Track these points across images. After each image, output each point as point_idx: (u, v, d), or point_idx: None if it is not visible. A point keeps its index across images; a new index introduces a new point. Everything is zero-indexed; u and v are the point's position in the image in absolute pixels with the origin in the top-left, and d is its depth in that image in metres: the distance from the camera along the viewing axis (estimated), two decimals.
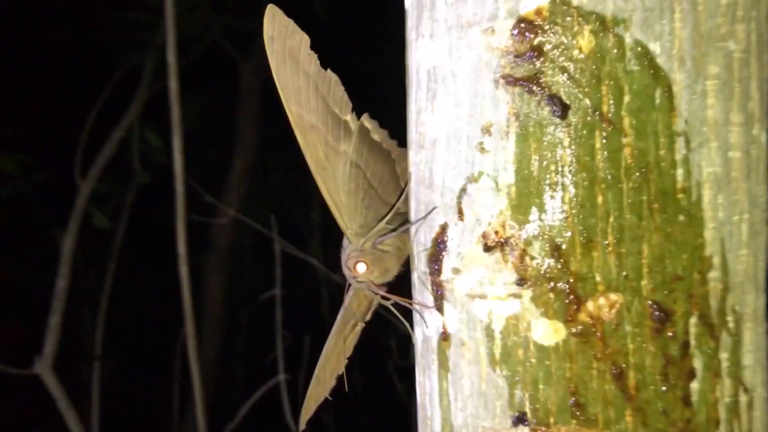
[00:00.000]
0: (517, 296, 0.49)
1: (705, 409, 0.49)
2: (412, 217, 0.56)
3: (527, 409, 0.50)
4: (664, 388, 0.49)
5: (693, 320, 0.49)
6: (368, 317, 0.67)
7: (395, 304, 0.61)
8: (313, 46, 0.58)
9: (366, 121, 0.61)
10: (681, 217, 0.48)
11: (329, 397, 0.67)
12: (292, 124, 0.56)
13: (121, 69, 2.39)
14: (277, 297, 1.90)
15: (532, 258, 0.49)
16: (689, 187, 0.48)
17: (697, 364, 0.49)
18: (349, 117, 0.60)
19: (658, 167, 0.48)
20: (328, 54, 0.60)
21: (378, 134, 0.61)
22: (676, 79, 0.47)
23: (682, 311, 0.49)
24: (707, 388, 0.49)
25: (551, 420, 0.50)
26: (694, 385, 0.49)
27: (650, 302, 0.48)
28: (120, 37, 2.50)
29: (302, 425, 0.67)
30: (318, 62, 0.57)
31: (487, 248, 0.49)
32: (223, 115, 2.91)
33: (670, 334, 0.49)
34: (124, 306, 2.48)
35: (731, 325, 0.50)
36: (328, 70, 0.58)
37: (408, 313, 0.58)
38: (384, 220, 0.58)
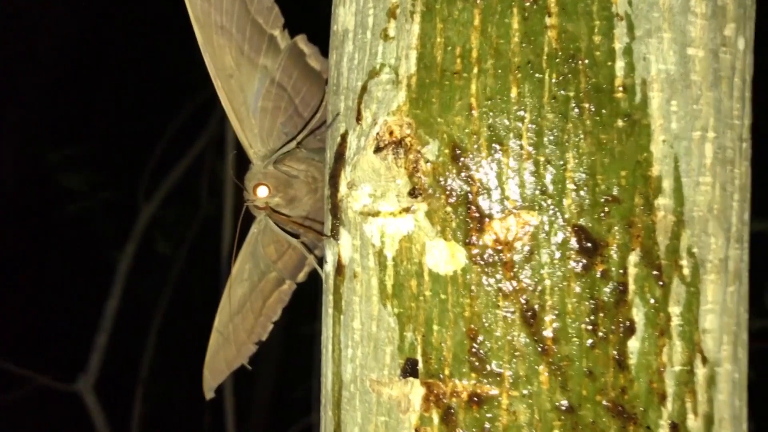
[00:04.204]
0: (411, 211, 0.40)
1: (645, 376, 0.38)
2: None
3: (419, 356, 0.40)
4: (590, 342, 0.38)
5: (633, 257, 0.38)
6: (301, 278, 0.58)
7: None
8: None
9: (301, 42, 0.53)
10: (619, 122, 0.38)
11: (247, 366, 0.57)
12: (191, 17, 0.49)
13: (199, 96, 2.40)
14: None
15: (427, 161, 0.39)
16: (631, 86, 0.38)
17: (637, 315, 0.38)
18: (278, 33, 0.53)
19: (591, 56, 0.38)
20: None
21: (317, 62, 0.54)
22: None
23: (619, 244, 0.38)
24: (650, 348, 0.38)
25: (446, 372, 0.39)
26: (633, 344, 0.38)
27: (575, 227, 0.38)
28: (202, 64, 2.53)
29: (209, 393, 0.58)
30: None
31: (378, 150, 0.40)
32: None
33: (601, 271, 0.38)
34: (176, 333, 2.45)
35: (686, 271, 0.39)
36: None
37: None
38: (295, 140, 0.50)
